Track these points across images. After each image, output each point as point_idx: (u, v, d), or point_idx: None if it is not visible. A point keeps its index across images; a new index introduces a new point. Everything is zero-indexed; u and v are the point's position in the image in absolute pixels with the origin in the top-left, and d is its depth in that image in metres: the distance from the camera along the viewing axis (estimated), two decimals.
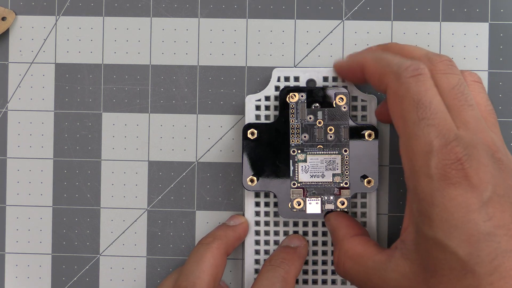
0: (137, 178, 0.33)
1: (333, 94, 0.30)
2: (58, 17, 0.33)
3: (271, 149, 0.30)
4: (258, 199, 0.31)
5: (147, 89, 0.33)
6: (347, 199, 0.30)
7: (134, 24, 0.33)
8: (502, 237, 0.23)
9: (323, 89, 0.30)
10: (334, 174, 0.30)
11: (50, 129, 0.33)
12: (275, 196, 0.30)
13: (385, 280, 0.25)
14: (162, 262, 0.33)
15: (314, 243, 0.31)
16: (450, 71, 0.26)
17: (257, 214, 0.31)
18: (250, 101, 0.31)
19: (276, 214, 0.31)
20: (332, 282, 0.31)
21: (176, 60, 0.33)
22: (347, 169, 0.30)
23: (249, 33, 0.33)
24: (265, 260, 0.31)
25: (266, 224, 0.31)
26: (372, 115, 0.31)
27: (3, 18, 0.33)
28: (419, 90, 0.25)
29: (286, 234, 0.32)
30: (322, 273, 0.31)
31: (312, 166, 0.30)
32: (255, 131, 0.30)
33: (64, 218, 0.33)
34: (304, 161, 0.30)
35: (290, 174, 0.30)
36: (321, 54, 0.32)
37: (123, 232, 0.33)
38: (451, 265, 0.23)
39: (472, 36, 0.32)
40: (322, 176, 0.30)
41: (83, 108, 0.33)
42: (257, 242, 0.31)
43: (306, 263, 0.31)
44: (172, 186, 0.33)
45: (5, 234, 0.33)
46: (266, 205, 0.31)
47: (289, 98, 0.30)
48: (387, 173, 0.32)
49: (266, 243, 0.32)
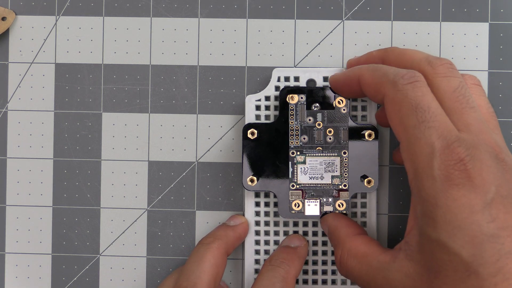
0: (137, 178, 0.33)
1: (332, 95, 0.30)
2: (58, 17, 0.33)
3: (271, 149, 0.30)
4: (258, 199, 0.31)
5: (147, 89, 0.33)
6: (346, 201, 0.30)
7: (134, 24, 0.33)
8: (506, 238, 0.23)
9: (323, 89, 0.30)
10: (333, 176, 0.30)
11: (50, 129, 0.33)
12: (275, 196, 0.30)
13: (389, 280, 0.25)
14: (162, 262, 0.33)
15: (314, 243, 0.31)
16: (451, 74, 0.26)
17: (257, 214, 0.31)
18: (250, 101, 0.31)
19: (276, 214, 0.31)
20: (332, 282, 0.31)
21: (176, 60, 0.33)
22: (346, 171, 0.30)
23: (249, 33, 0.33)
24: (265, 260, 0.31)
25: (266, 224, 0.31)
26: (372, 115, 0.31)
27: (3, 18, 0.33)
28: (416, 95, 0.25)
29: (286, 234, 0.32)
30: (322, 273, 0.31)
31: (311, 168, 0.30)
32: (255, 131, 0.30)
33: (64, 218, 0.33)
34: (303, 162, 0.30)
35: (289, 175, 0.30)
36: (321, 54, 0.32)
37: (123, 232, 0.33)
38: (455, 266, 0.23)
39: (472, 36, 0.32)
40: (321, 178, 0.30)
41: (83, 108, 0.33)
42: (257, 242, 0.31)
43: (306, 263, 0.31)
44: (172, 186, 0.33)
45: (5, 234, 0.33)
46: (266, 205, 0.31)
47: (288, 99, 0.30)
48: (387, 173, 0.32)
49: (266, 243, 0.32)
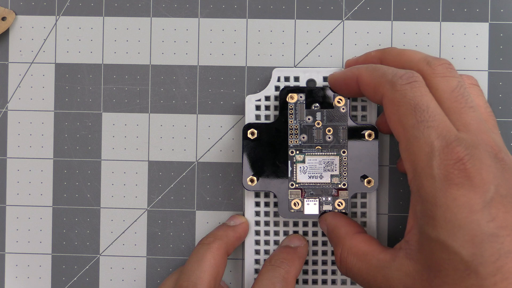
0: (137, 178, 0.33)
1: (332, 94, 0.30)
2: (58, 17, 0.33)
3: (271, 149, 0.30)
4: (258, 199, 0.31)
5: (147, 89, 0.33)
6: (345, 200, 0.30)
7: (134, 24, 0.33)
8: (506, 237, 0.23)
9: (323, 89, 0.30)
10: (332, 175, 0.30)
11: (50, 129, 0.33)
12: (275, 196, 0.30)
13: (389, 279, 0.25)
14: (162, 262, 0.33)
15: (314, 243, 0.31)
16: (450, 74, 0.26)
17: (257, 214, 0.31)
18: (250, 101, 0.31)
19: (276, 214, 0.31)
20: (332, 282, 0.31)
21: (176, 60, 0.33)
22: (345, 170, 0.30)
23: (249, 33, 0.33)
24: (265, 260, 0.31)
25: (266, 224, 0.31)
26: (372, 115, 0.31)
27: (3, 18, 0.33)
28: (415, 95, 0.25)
29: (286, 234, 0.32)
30: (322, 273, 0.31)
31: (310, 167, 0.30)
32: (255, 131, 0.30)
33: (64, 218, 0.33)
34: (302, 162, 0.30)
35: (288, 174, 0.30)
36: (321, 54, 0.32)
37: (123, 232, 0.33)
38: (455, 265, 0.23)
39: (472, 36, 0.32)
40: (321, 177, 0.30)
41: (83, 108, 0.33)
42: (257, 242, 0.31)
43: (306, 263, 0.31)
44: (172, 186, 0.33)
45: (5, 234, 0.33)
46: (266, 205, 0.31)
47: (288, 98, 0.30)
48: (387, 173, 0.32)
49: (266, 243, 0.32)
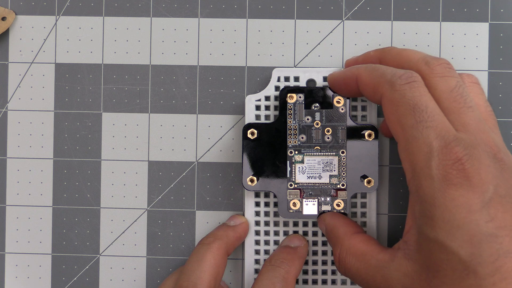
0: (137, 178, 0.33)
1: (331, 94, 0.30)
2: (58, 17, 0.33)
3: (271, 149, 0.30)
4: (258, 199, 0.31)
5: (147, 89, 0.33)
6: (344, 201, 0.30)
7: (134, 24, 0.33)
8: (504, 238, 0.23)
9: (323, 89, 0.30)
10: (331, 176, 0.30)
11: (50, 129, 0.33)
12: (275, 196, 0.30)
13: (387, 279, 0.25)
14: (162, 262, 0.33)
15: (314, 243, 0.31)
16: (448, 74, 0.26)
17: (257, 214, 0.31)
18: (250, 101, 0.31)
19: (276, 214, 0.31)
20: (332, 282, 0.31)
21: (176, 60, 0.33)
22: (344, 170, 0.30)
23: (249, 33, 0.33)
24: (265, 260, 0.31)
25: (266, 224, 0.31)
26: (372, 115, 0.31)
27: (3, 18, 0.33)
28: (414, 95, 0.25)
29: (286, 234, 0.32)
30: (322, 273, 0.31)
31: (309, 167, 0.30)
32: (255, 131, 0.30)
33: (64, 218, 0.33)
34: (301, 162, 0.30)
35: (287, 174, 0.30)
36: (321, 54, 0.32)
37: (123, 232, 0.33)
38: (453, 265, 0.23)
39: (472, 36, 0.32)
40: (319, 177, 0.30)
41: (83, 108, 0.33)
42: (257, 242, 0.31)
43: (306, 263, 0.31)
44: (172, 186, 0.33)
45: (5, 234, 0.33)
46: (266, 205, 0.31)
47: (288, 98, 0.30)
48: (387, 173, 0.32)
49: (266, 243, 0.32)
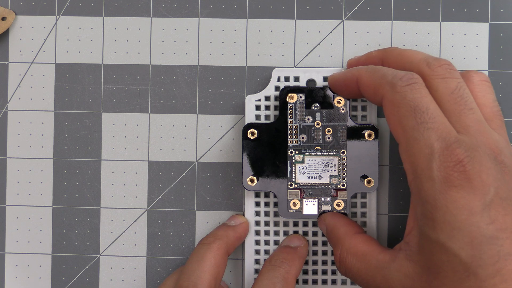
0: (137, 178, 0.33)
1: (332, 95, 0.30)
2: (58, 17, 0.33)
3: (271, 149, 0.30)
4: (258, 199, 0.31)
5: (147, 89, 0.33)
6: (344, 201, 0.30)
7: (134, 24, 0.33)
8: (505, 240, 0.23)
9: (323, 89, 0.30)
10: (331, 176, 0.30)
11: (50, 129, 0.33)
12: (275, 196, 0.30)
13: (388, 279, 0.25)
14: (162, 262, 0.33)
15: (314, 243, 0.31)
16: (449, 75, 0.26)
17: (257, 214, 0.31)
18: (250, 101, 0.31)
19: (276, 214, 0.31)
20: (332, 282, 0.31)
21: (176, 60, 0.33)
22: (345, 170, 0.30)
23: (249, 33, 0.33)
24: (265, 260, 0.31)
25: (266, 224, 0.31)
26: (372, 115, 0.31)
27: (3, 18, 0.33)
28: (415, 97, 0.25)
29: (286, 234, 0.32)
30: (322, 273, 0.31)
31: (309, 167, 0.30)
32: (255, 131, 0.30)
33: (64, 218, 0.33)
34: (301, 162, 0.30)
35: (288, 175, 0.30)
36: (321, 54, 0.32)
37: (123, 232, 0.33)
38: (454, 267, 0.23)
39: (472, 36, 0.32)
40: (320, 177, 0.30)
41: (83, 108, 0.33)
42: (257, 242, 0.31)
43: (306, 263, 0.31)
44: (172, 186, 0.33)
45: (5, 234, 0.33)
46: (266, 205, 0.31)
47: (288, 98, 0.30)
48: (387, 173, 0.32)
49: (266, 243, 0.32)
